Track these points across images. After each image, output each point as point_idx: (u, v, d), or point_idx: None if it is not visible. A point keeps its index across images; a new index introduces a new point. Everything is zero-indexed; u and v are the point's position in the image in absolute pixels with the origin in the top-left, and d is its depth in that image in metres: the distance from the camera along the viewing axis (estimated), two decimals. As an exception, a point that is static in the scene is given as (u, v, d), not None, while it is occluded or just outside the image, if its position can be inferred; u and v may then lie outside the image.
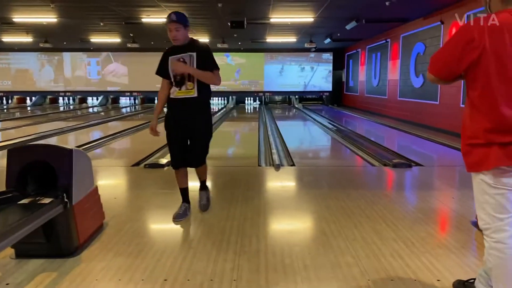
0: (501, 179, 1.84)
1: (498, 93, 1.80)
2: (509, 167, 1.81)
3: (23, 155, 2.91)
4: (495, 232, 1.88)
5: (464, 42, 1.83)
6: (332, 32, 14.14)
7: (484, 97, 1.85)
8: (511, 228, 1.86)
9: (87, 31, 14.16)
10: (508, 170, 1.82)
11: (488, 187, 1.88)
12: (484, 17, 1.81)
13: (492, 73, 1.79)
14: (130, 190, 4.82)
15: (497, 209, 1.86)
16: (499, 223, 1.86)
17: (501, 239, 1.86)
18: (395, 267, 2.64)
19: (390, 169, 5.69)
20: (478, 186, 1.93)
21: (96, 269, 2.63)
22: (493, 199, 1.87)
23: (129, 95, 21.18)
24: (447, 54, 1.93)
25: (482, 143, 1.86)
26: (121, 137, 9.40)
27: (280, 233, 3.32)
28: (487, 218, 1.90)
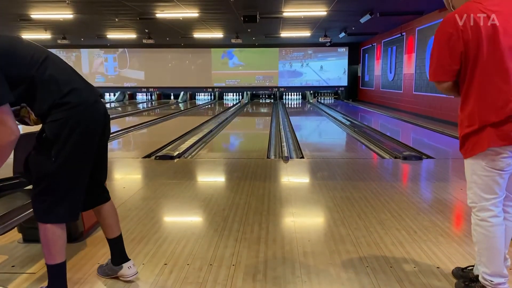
0: (492, 162, 1.91)
1: (489, 74, 1.88)
2: (501, 148, 1.87)
3: (30, 142, 2.98)
4: (480, 210, 2.00)
5: (445, 41, 1.94)
6: (347, 26, 14.02)
7: (477, 82, 1.91)
8: (495, 208, 1.97)
9: (103, 27, 14.34)
10: (499, 151, 1.89)
11: (478, 168, 1.96)
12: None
13: (480, 58, 1.87)
14: (139, 180, 4.89)
15: (485, 190, 1.96)
16: (485, 203, 1.97)
17: (485, 218, 1.98)
18: (395, 255, 2.63)
19: (400, 161, 5.64)
20: (469, 167, 2.01)
21: (98, 253, 2.68)
22: (481, 180, 1.96)
23: (145, 91, 21.40)
24: (436, 58, 2.00)
25: (477, 128, 1.92)
26: (134, 130, 9.52)
27: (283, 221, 3.33)
28: (475, 197, 2.01)
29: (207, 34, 15.23)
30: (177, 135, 8.10)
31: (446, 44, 1.93)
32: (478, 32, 1.86)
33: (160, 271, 2.44)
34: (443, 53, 1.95)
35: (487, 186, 1.95)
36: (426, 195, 4.10)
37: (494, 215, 1.97)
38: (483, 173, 1.95)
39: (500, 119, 1.85)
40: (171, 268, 2.47)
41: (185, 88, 20.89)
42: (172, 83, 20.88)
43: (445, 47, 1.94)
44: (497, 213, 1.98)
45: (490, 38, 1.86)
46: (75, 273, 2.41)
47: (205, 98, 21.15)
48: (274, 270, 2.45)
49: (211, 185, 4.65)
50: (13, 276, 2.38)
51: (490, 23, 1.86)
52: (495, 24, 1.85)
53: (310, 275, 2.38)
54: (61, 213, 2.00)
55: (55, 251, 2.01)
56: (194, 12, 11.05)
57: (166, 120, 11.80)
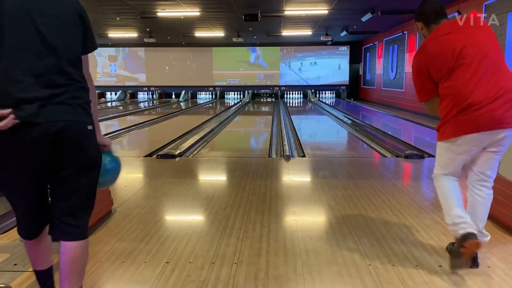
0: (452, 147, 2.41)
1: (457, 80, 2.31)
2: (459, 137, 2.34)
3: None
4: (438, 178, 2.56)
5: (418, 69, 2.50)
6: (348, 25, 14.01)
7: (448, 87, 2.36)
8: (447, 177, 2.52)
9: (104, 26, 14.35)
10: (457, 140, 2.36)
11: (443, 150, 2.49)
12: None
13: (449, 69, 2.34)
14: (141, 179, 4.89)
15: (444, 166, 2.52)
16: (442, 173, 2.53)
17: (441, 182, 2.55)
18: (397, 253, 2.63)
19: (401, 160, 5.64)
20: (438, 147, 2.54)
21: (100, 252, 2.69)
22: (443, 159, 2.51)
23: (146, 90, 21.41)
24: (417, 82, 2.56)
25: (445, 121, 2.40)
26: (136, 129, 9.53)
27: (284, 220, 3.33)
28: (436, 169, 2.57)
29: (208, 32, 15.23)
30: (179, 134, 8.10)
31: (421, 71, 2.53)
32: (445, 51, 2.38)
33: (162, 269, 2.44)
34: (421, 77, 2.54)
35: (447, 164, 2.50)
36: (427, 194, 4.09)
37: (446, 181, 2.52)
38: (446, 155, 2.48)
39: (458, 110, 2.32)
40: (173, 267, 2.47)
41: (186, 87, 20.90)
42: (173, 82, 20.89)
43: (421, 73, 2.54)
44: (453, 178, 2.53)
45: None
46: (77, 271, 2.41)
47: (206, 97, 21.15)
48: (276, 268, 2.45)
49: (213, 184, 4.65)
50: (15, 274, 2.39)
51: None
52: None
53: (312, 273, 2.38)
54: (18, 229, 1.91)
55: (29, 258, 1.97)
56: (195, 11, 11.05)
57: (168, 119, 11.80)
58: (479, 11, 8.48)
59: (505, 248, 2.70)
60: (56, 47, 1.70)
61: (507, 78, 2.30)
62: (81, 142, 1.74)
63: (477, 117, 2.25)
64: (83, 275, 1.88)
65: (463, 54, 2.30)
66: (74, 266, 1.81)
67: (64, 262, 1.79)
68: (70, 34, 1.77)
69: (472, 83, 2.26)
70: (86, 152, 1.77)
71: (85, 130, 1.76)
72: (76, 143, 1.72)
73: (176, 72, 20.89)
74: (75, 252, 1.80)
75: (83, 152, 1.76)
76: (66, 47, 1.74)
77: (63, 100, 1.68)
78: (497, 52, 2.37)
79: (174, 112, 14.01)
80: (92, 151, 1.81)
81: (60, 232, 1.81)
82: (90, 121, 1.80)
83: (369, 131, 8.50)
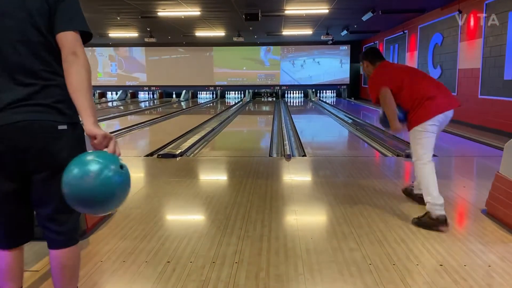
0: (419, 131, 3.18)
1: (411, 89, 3.24)
2: (422, 124, 3.16)
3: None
4: (418, 158, 3.20)
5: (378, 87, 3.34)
6: (349, 24, 14.00)
7: (405, 96, 3.27)
8: (431, 162, 3.17)
9: (104, 26, 14.35)
10: (424, 127, 3.16)
11: (416, 133, 3.21)
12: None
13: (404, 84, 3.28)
14: (141, 178, 4.89)
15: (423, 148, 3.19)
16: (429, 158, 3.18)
17: (429, 165, 3.15)
18: (398, 253, 2.63)
19: (402, 159, 5.63)
20: (411, 135, 3.28)
21: (101, 251, 2.69)
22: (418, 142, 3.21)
23: (147, 89, 21.42)
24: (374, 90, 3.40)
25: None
26: (137, 129, 9.54)
27: (285, 219, 3.33)
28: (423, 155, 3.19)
29: (209, 32, 15.22)
30: (179, 133, 8.10)
31: (380, 87, 3.35)
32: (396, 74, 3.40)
33: (163, 268, 2.44)
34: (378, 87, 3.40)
35: (423, 146, 3.19)
36: (428, 193, 4.09)
37: (425, 162, 3.17)
38: (418, 138, 3.21)
39: (418, 104, 3.21)
40: (174, 266, 2.47)
41: (187, 86, 20.89)
42: (174, 81, 20.89)
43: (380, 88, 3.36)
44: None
45: None
46: (78, 271, 2.41)
47: (207, 97, 21.15)
48: (276, 267, 2.45)
49: (214, 183, 4.65)
50: (17, 274, 2.39)
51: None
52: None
53: (312, 272, 2.38)
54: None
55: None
56: (196, 11, 11.04)
57: (168, 119, 11.81)
58: (480, 10, 8.48)
59: (506, 247, 2.69)
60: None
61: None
62: (47, 143, 1.59)
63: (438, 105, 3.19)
64: (75, 278, 1.81)
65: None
66: (63, 271, 1.75)
67: (53, 268, 1.75)
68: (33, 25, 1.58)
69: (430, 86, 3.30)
70: (55, 154, 1.61)
71: (54, 130, 1.60)
72: (41, 145, 1.59)
73: (176, 72, 20.89)
74: (62, 259, 1.73)
75: (51, 154, 1.60)
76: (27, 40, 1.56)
77: (27, 100, 1.56)
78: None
79: (175, 111, 14.01)
80: (64, 152, 1.61)
81: (47, 239, 1.73)
82: (65, 120, 1.63)
83: (370, 131, 8.49)
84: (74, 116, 1.66)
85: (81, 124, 1.67)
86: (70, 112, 1.64)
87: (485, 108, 8.43)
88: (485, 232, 2.95)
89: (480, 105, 8.63)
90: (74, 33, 1.61)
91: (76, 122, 1.68)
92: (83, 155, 1.50)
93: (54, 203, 1.66)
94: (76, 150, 1.61)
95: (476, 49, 8.72)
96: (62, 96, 1.62)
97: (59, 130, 1.60)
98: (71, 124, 1.65)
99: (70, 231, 1.74)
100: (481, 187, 4.04)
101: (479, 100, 8.65)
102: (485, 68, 8.37)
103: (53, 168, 1.61)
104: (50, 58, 1.61)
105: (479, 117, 8.66)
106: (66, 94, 1.60)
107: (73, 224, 1.75)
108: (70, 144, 1.65)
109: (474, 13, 8.77)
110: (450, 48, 9.97)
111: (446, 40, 10.17)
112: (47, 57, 1.60)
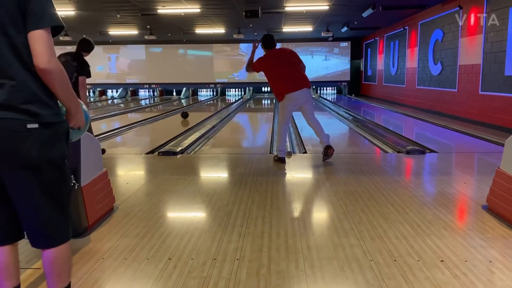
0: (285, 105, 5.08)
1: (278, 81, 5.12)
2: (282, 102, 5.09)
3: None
4: (280, 124, 5.14)
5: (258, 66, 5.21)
6: (349, 21, 13.98)
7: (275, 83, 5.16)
8: (286, 124, 5.24)
9: (104, 24, 14.34)
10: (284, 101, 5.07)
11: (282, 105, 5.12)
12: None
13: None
14: (142, 176, 4.90)
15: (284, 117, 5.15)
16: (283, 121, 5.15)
17: (283, 127, 5.18)
18: (399, 248, 2.63)
19: (403, 155, 5.63)
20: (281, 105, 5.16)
21: (103, 249, 2.69)
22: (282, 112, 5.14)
23: (147, 87, 21.41)
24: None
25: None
26: (137, 127, 9.54)
27: (286, 216, 3.33)
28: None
29: (209, 29, 15.20)
30: (180, 131, 8.11)
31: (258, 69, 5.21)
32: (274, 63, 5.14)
33: (164, 265, 2.45)
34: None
35: (285, 115, 5.14)
36: (429, 189, 4.10)
37: (285, 128, 5.26)
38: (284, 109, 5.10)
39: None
40: (175, 263, 2.48)
41: (187, 84, 20.88)
42: (174, 79, 20.88)
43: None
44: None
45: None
46: (79, 268, 2.42)
47: (208, 94, 21.14)
48: (277, 264, 2.45)
49: (214, 181, 4.65)
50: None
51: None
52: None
53: (313, 269, 2.38)
54: None
55: None
56: (195, 8, 11.03)
57: (169, 116, 11.81)
58: (481, 6, 8.45)
59: (507, 243, 2.69)
60: None
61: None
62: (13, 141, 1.55)
63: None
64: (66, 274, 1.80)
65: None
66: (53, 268, 1.74)
67: (43, 264, 1.75)
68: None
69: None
70: (22, 152, 1.56)
71: (21, 129, 1.55)
72: (5, 143, 1.55)
73: (176, 69, 20.88)
74: (46, 258, 1.73)
75: (17, 152, 1.56)
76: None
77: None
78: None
79: (175, 109, 14.01)
80: (32, 150, 1.57)
81: (28, 239, 1.73)
82: (35, 120, 1.57)
83: (371, 127, 8.49)
84: (48, 116, 1.61)
85: (60, 122, 1.67)
86: (42, 112, 1.59)
87: (486, 104, 8.42)
88: (485, 228, 2.95)
89: (480, 101, 8.62)
90: (45, 32, 1.55)
91: (50, 122, 1.62)
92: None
93: (28, 202, 1.63)
94: (47, 148, 1.60)
95: (476, 45, 8.70)
96: (30, 97, 1.57)
97: (27, 129, 1.56)
98: (43, 123, 1.59)
99: (57, 231, 1.71)
100: (482, 183, 4.04)
101: (480, 96, 8.63)
102: (486, 64, 8.36)
103: (21, 166, 1.58)
104: (19, 58, 1.56)
105: (480, 113, 8.65)
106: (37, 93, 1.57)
107: (60, 224, 1.72)
108: (42, 141, 1.60)
109: (474, 9, 8.75)
110: (450, 44, 9.95)
111: (447, 36, 10.15)
112: (15, 57, 1.55)
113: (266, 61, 5.11)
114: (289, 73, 5.02)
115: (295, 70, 5.05)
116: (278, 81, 5.05)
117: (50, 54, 1.55)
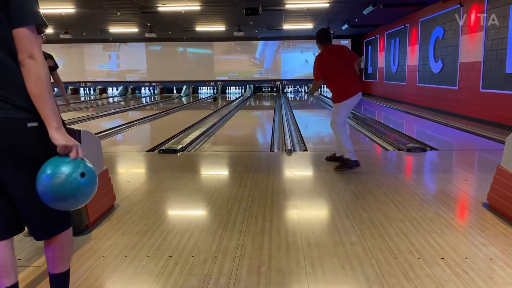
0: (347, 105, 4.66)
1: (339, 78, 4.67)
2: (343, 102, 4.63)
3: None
4: (338, 125, 4.69)
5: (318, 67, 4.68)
6: (350, 18, 13.95)
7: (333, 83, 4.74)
8: (344, 126, 4.79)
9: (104, 21, 14.32)
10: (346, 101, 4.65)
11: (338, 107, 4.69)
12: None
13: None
14: (143, 174, 4.90)
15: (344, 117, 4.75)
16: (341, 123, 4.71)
17: (344, 129, 4.73)
18: (400, 246, 2.63)
19: (404, 153, 5.63)
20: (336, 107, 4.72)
21: (103, 246, 2.70)
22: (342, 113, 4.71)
23: (148, 85, 21.40)
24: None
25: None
26: (138, 124, 9.54)
27: (287, 213, 3.33)
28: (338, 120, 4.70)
29: (209, 27, 15.18)
30: (180, 129, 8.11)
31: (318, 68, 4.68)
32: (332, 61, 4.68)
33: (165, 263, 2.45)
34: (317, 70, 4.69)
35: (343, 116, 4.70)
36: (430, 187, 4.09)
37: (343, 129, 4.77)
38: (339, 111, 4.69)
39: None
40: (176, 260, 2.48)
41: (187, 82, 20.87)
42: (174, 77, 20.87)
43: (318, 70, 4.69)
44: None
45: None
46: (80, 266, 2.42)
47: (208, 92, 21.13)
48: (278, 261, 2.45)
49: (215, 178, 4.65)
50: (19, 269, 2.39)
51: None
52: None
53: (314, 266, 2.38)
54: None
55: None
56: (196, 5, 11.01)
57: (169, 114, 11.80)
58: (481, 3, 8.43)
59: (507, 240, 2.69)
60: None
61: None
62: (17, 140, 1.56)
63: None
64: (65, 260, 1.84)
65: None
66: (54, 253, 1.80)
67: (45, 249, 1.80)
68: None
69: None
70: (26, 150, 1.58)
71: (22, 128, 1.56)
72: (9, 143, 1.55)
73: (177, 67, 20.86)
74: (52, 244, 1.78)
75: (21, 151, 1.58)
76: None
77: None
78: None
79: (175, 107, 14.00)
80: (36, 148, 1.60)
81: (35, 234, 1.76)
82: (34, 118, 1.58)
83: (371, 125, 8.49)
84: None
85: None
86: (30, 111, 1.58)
87: (487, 102, 8.40)
88: (486, 225, 2.95)
89: (481, 98, 8.61)
90: (29, 30, 1.54)
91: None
92: (46, 164, 1.55)
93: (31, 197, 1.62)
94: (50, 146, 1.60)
95: (477, 42, 8.68)
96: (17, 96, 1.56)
97: (28, 127, 1.57)
98: (41, 122, 1.59)
99: (53, 223, 1.74)
100: (483, 180, 4.04)
101: (481, 94, 8.62)
102: (487, 61, 8.34)
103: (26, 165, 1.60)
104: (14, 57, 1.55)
105: (480, 111, 8.64)
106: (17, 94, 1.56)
107: (55, 217, 1.72)
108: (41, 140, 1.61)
109: (475, 7, 8.73)
110: (451, 41, 9.93)
111: (447, 33, 10.13)
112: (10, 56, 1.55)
113: (326, 58, 4.65)
114: (350, 73, 4.66)
115: (354, 71, 4.71)
116: (342, 81, 4.61)
117: (34, 51, 1.54)
